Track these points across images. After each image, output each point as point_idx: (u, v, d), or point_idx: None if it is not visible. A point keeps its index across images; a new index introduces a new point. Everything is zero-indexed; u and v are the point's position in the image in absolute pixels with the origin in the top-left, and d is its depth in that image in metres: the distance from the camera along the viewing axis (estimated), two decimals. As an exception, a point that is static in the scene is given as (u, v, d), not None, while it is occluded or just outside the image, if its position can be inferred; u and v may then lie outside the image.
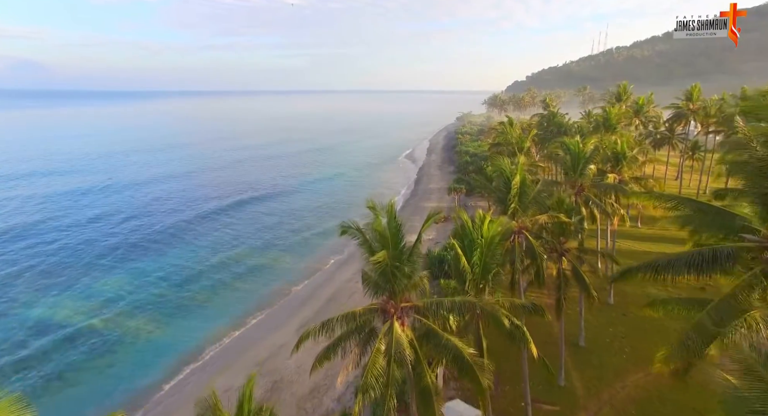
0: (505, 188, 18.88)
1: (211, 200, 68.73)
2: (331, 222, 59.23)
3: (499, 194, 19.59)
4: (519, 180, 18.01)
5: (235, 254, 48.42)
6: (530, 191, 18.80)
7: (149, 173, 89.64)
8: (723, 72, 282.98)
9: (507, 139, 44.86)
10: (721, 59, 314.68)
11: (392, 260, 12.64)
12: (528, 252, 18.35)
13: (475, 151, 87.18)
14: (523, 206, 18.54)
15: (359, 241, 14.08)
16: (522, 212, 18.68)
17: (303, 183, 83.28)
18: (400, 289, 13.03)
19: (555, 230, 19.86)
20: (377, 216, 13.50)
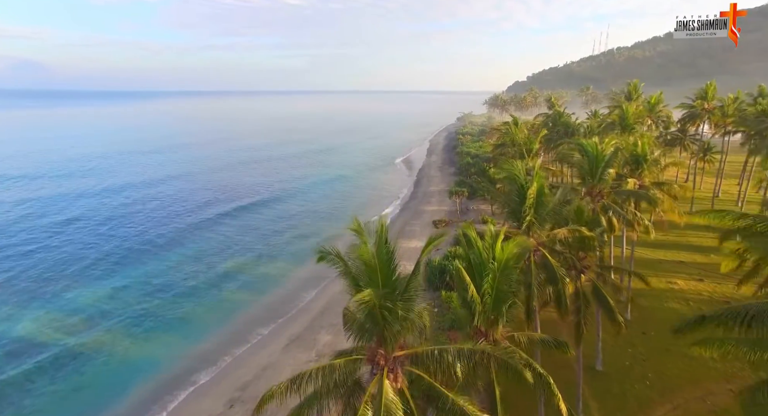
0: (519, 198, 16.13)
1: (206, 205, 65.70)
2: (327, 228, 56.56)
3: (511, 204, 16.80)
4: (536, 189, 15.28)
5: (225, 262, 45.72)
6: (548, 202, 16.08)
7: (145, 175, 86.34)
8: (725, 73, 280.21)
9: (512, 139, 42.15)
10: (723, 60, 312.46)
11: (382, 299, 9.91)
12: (546, 273, 15.59)
13: (476, 152, 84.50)
14: (540, 218, 15.83)
15: (340, 269, 11.38)
16: (539, 226, 15.97)
17: (300, 186, 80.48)
18: (391, 335, 10.27)
19: (574, 245, 17.13)
20: (364, 241, 10.76)
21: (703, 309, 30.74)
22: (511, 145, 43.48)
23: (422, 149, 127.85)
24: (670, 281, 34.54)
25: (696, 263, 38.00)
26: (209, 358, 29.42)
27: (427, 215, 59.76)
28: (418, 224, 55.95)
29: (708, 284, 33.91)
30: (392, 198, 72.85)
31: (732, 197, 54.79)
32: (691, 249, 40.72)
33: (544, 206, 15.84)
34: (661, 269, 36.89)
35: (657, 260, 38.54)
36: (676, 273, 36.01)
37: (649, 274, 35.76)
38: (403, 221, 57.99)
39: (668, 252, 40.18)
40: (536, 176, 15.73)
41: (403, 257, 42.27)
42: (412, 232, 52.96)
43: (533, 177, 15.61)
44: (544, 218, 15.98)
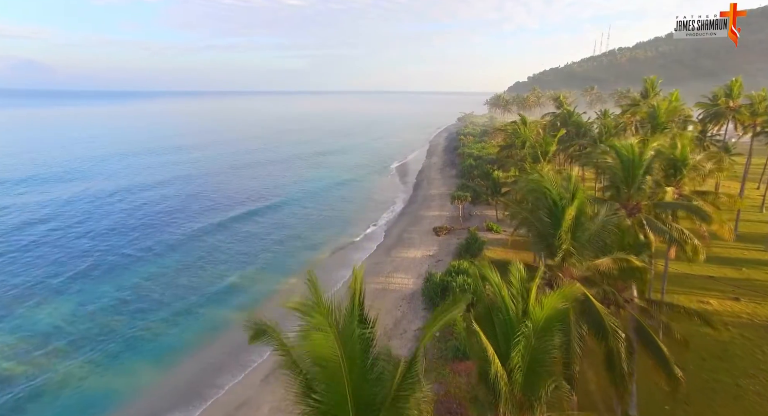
0: (551, 218, 12.25)
1: (197, 213, 60.68)
2: (320, 238, 52.65)
3: (538, 226, 12.87)
4: (576, 208, 11.39)
5: (209, 275, 41.82)
6: (589, 224, 12.16)
7: (138, 179, 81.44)
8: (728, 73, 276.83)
9: (521, 140, 38.32)
10: (725, 60, 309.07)
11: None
12: (589, 322, 11.58)
13: (479, 153, 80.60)
14: (580, 246, 11.96)
15: (282, 359, 7.40)
16: (578, 256, 12.08)
17: (296, 192, 76.11)
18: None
19: (615, 275, 13.19)
20: (318, 322, 6.69)
21: (745, 335, 26.91)
22: (519, 146, 39.61)
23: (422, 151, 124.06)
24: (701, 300, 30.65)
25: (728, 279, 34.13)
26: (181, 392, 25.52)
27: (427, 221, 55.86)
28: (417, 231, 52.02)
29: (746, 304, 30.04)
30: (389, 203, 68.97)
31: (755, 202, 51.18)
32: (719, 262, 36.81)
33: (584, 229, 11.97)
34: (690, 286, 33.03)
35: (683, 275, 34.64)
36: (707, 291, 32.14)
37: (678, 292, 31.99)
38: (401, 228, 54.07)
39: (694, 266, 36.13)
40: (577, 192, 11.74)
41: (399, 269, 38.22)
42: (410, 240, 49.04)
43: (573, 195, 11.64)
44: (584, 244, 12.08)
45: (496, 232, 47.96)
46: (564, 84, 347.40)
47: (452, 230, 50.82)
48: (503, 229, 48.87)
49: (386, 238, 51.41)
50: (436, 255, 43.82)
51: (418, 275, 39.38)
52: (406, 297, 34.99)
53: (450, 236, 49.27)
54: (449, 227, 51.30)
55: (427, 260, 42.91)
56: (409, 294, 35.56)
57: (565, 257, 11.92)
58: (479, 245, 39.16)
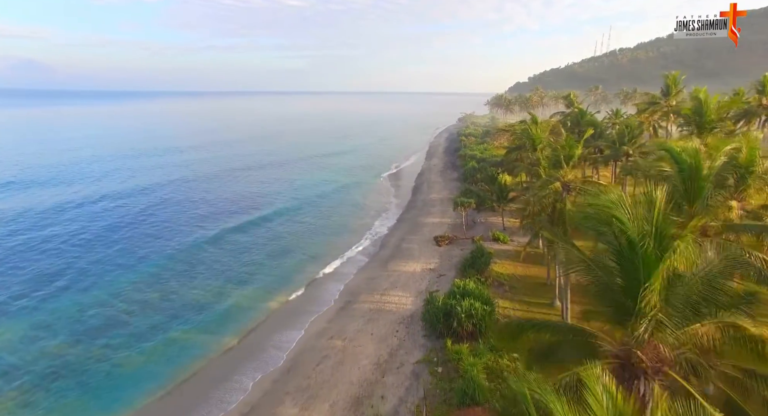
0: (622, 264, 7.76)
1: (183, 222, 55.20)
2: (314, 250, 48.35)
3: (602, 274, 8.29)
4: (673, 255, 7.00)
5: (185, 290, 37.49)
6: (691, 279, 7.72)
7: (129, 183, 75.95)
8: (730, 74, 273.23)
9: (532, 142, 34.11)
10: (728, 61, 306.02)
11: None
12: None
13: (482, 155, 76.33)
14: (674, 310, 7.59)
15: None
16: (672, 326, 7.63)
17: (291, 199, 71.71)
18: None
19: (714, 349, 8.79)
20: None
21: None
22: (530, 148, 35.35)
23: (421, 152, 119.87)
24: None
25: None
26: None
27: (428, 228, 51.57)
28: (417, 240, 47.69)
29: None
30: (387, 209, 64.67)
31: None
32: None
33: (682, 283, 7.62)
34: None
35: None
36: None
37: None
38: (400, 237, 49.75)
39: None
40: (666, 224, 7.23)
41: (397, 285, 33.65)
42: (409, 251, 44.71)
43: (656, 225, 7.17)
44: (681, 307, 7.67)
45: (503, 242, 43.71)
46: (565, 84, 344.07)
47: (455, 239, 46.53)
48: (510, 238, 44.65)
49: (383, 248, 47.09)
50: (437, 269, 39.50)
51: (417, 292, 35.09)
52: (404, 320, 30.68)
53: (452, 246, 44.98)
54: (451, 236, 47.01)
55: (427, 274, 38.61)
56: (408, 316, 31.27)
57: (650, 328, 7.63)
58: (486, 260, 34.87)
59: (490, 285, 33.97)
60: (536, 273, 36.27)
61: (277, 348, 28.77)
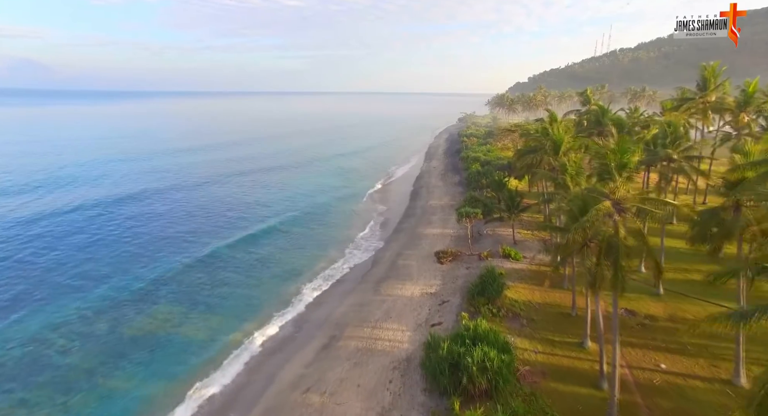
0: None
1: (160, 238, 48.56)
2: (301, 266, 42.47)
3: None
4: None
5: (137, 320, 31.64)
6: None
7: (115, 189, 69.10)
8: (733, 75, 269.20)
9: (555, 144, 28.32)
10: (731, 61, 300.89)
11: None
12: None
13: (486, 157, 70.42)
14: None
15: None
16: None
17: (284, 207, 65.93)
18: None
19: None
20: None
21: None
22: (551, 152, 29.50)
23: (420, 154, 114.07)
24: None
25: None
26: None
27: (428, 241, 45.68)
28: (415, 256, 41.77)
29: None
30: (382, 219, 58.85)
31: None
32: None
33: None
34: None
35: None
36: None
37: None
38: (396, 251, 43.82)
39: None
40: None
41: (391, 314, 26.50)
42: (406, 269, 38.79)
43: None
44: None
45: (514, 260, 37.86)
46: (566, 85, 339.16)
47: (459, 255, 40.64)
48: (523, 254, 38.80)
49: (376, 265, 41.15)
50: (439, 293, 33.58)
51: (416, 325, 29.21)
52: (399, 365, 24.75)
53: (456, 263, 39.07)
54: (455, 252, 41.09)
55: (427, 300, 32.71)
56: (404, 359, 25.35)
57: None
58: (498, 287, 28.98)
59: (504, 317, 28.14)
60: (558, 300, 30.47)
61: (238, 411, 22.79)
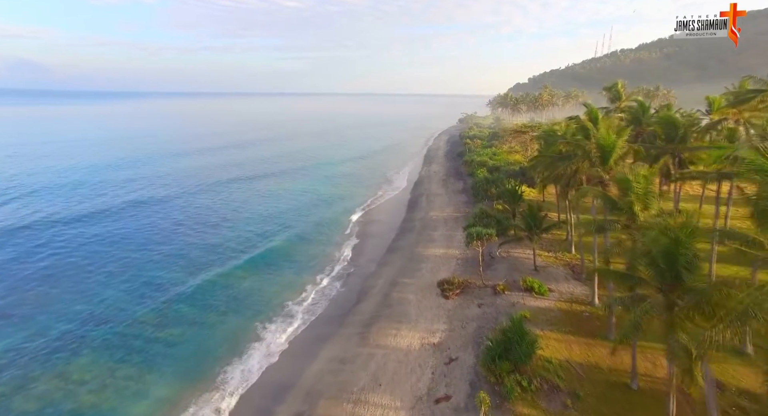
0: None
1: (121, 266, 39.48)
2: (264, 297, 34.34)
3: None
4: None
5: (77, 360, 23.53)
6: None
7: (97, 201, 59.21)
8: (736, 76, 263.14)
9: (604, 151, 20.49)
10: (734, 62, 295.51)
11: None
12: None
13: (494, 162, 62.36)
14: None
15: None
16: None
17: (270, 224, 57.87)
18: None
19: None
20: None
21: None
22: (597, 161, 21.56)
23: (419, 156, 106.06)
24: None
25: None
26: None
27: (429, 265, 37.54)
28: (414, 287, 33.60)
29: None
30: (374, 234, 50.85)
31: None
32: None
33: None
34: None
35: None
36: None
37: None
38: (389, 279, 35.62)
39: None
40: None
41: (381, 381, 18.85)
42: (402, 305, 30.68)
43: None
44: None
45: (539, 295, 29.89)
46: (567, 85, 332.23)
47: (468, 286, 32.56)
48: (548, 286, 30.79)
49: (363, 299, 32.93)
50: (445, 344, 25.49)
51: (414, 398, 21.16)
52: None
53: (465, 298, 30.97)
54: (463, 282, 32.97)
55: (430, 355, 24.61)
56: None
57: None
58: (528, 346, 20.88)
59: (537, 392, 20.13)
60: (606, 359, 22.41)
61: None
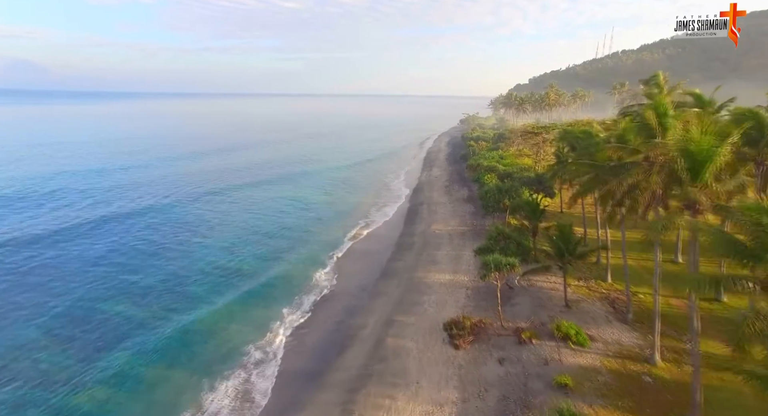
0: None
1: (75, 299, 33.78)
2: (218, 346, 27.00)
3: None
4: None
5: None
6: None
7: (54, 220, 49.63)
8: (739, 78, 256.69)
9: (692, 158, 13.57)
10: (737, 63, 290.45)
11: None
12: None
13: (504, 167, 55.17)
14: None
15: None
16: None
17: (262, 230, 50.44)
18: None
19: None
20: None
21: None
22: (686, 175, 14.60)
23: (418, 159, 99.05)
24: None
25: None
26: None
27: (433, 296, 30.37)
28: (414, 329, 26.38)
29: None
30: (367, 253, 43.84)
31: None
32: None
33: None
34: None
35: None
36: None
37: None
38: (383, 317, 28.36)
39: None
40: None
41: None
42: (399, 358, 23.52)
43: None
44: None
45: (578, 346, 22.80)
46: (568, 85, 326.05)
47: (483, 329, 25.43)
48: (587, 332, 23.69)
49: (349, 345, 25.69)
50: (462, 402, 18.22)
51: None
52: None
53: (481, 349, 23.81)
54: (477, 323, 25.81)
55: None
56: None
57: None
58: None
59: None
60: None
61: None
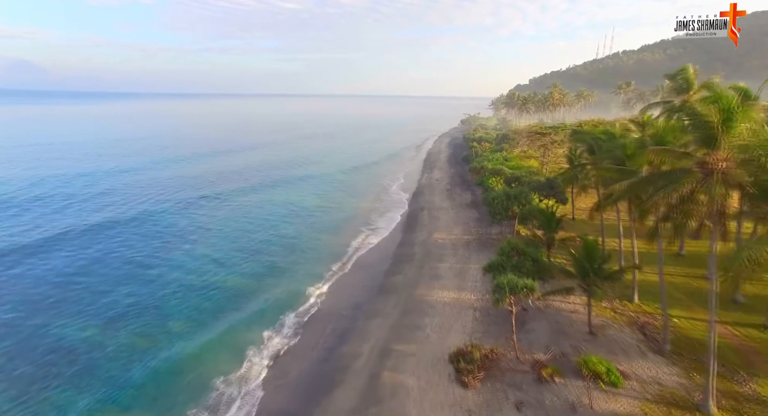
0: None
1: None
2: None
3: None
4: None
5: None
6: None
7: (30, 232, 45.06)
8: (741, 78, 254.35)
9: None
10: (738, 64, 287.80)
11: None
12: None
13: (511, 170, 51.39)
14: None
15: None
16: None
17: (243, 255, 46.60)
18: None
19: None
20: None
21: None
22: None
23: (418, 160, 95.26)
24: None
25: None
26: None
27: (436, 319, 26.62)
28: (415, 359, 22.60)
29: None
30: (362, 267, 40.12)
31: None
32: None
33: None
34: None
35: None
36: None
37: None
38: (379, 344, 24.59)
39: None
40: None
41: None
42: (396, 398, 19.94)
43: None
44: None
45: (609, 385, 19.11)
46: (569, 86, 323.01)
47: (495, 361, 21.68)
48: (619, 365, 19.98)
49: (337, 387, 21.82)
50: None
51: None
52: None
53: (494, 389, 20.07)
54: (488, 354, 22.03)
55: None
56: None
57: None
58: None
59: None
60: None
61: None
